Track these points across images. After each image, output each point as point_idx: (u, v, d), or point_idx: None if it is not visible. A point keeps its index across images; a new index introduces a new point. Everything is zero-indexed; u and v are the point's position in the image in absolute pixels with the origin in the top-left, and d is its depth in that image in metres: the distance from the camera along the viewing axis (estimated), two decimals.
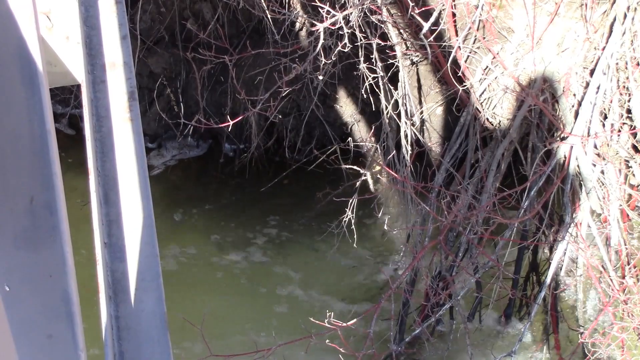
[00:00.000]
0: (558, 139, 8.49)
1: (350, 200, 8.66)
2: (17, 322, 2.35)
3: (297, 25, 9.95)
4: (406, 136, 9.29)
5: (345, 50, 8.42)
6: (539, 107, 8.53)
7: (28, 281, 2.41)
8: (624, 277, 8.31)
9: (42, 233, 2.42)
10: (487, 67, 8.97)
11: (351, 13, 8.42)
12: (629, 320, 7.92)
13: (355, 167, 9.18)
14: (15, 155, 2.41)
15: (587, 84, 8.45)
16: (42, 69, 2.46)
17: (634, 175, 8.67)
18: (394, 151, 9.43)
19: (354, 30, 8.70)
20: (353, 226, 8.72)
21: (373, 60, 9.11)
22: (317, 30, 8.16)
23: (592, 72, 8.43)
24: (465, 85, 8.93)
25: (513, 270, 8.88)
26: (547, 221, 8.66)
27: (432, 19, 8.59)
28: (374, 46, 8.98)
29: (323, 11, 7.88)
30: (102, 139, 3.31)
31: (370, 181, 10.24)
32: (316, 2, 8.03)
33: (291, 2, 9.71)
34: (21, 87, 2.44)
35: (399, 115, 9.40)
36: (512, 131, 8.70)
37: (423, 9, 8.57)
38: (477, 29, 8.88)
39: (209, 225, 10.47)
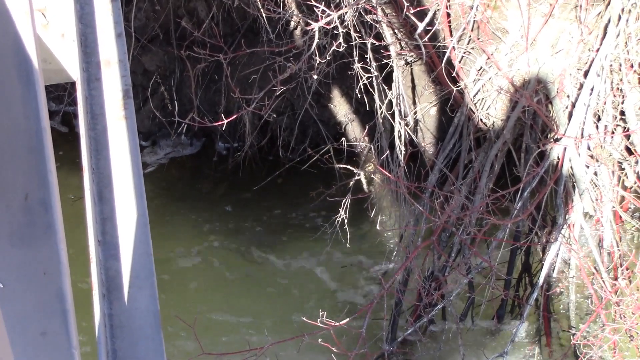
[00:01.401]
0: (551, 140, 8.51)
1: (344, 200, 8.66)
2: (11, 318, 2.34)
3: (292, 24, 9.95)
4: (400, 136, 9.30)
5: (340, 50, 8.43)
6: (533, 108, 8.54)
7: (22, 278, 2.41)
8: (616, 279, 8.33)
9: (37, 230, 2.42)
10: (481, 67, 8.98)
11: (346, 13, 8.42)
12: (621, 322, 7.93)
13: (348, 167, 9.18)
14: (10, 152, 2.41)
15: (581, 86, 8.46)
16: (37, 67, 2.46)
17: (627, 177, 8.69)
18: (388, 151, 9.43)
19: (349, 29, 8.70)
20: (346, 226, 8.72)
21: (367, 60, 9.12)
22: (312, 29, 8.16)
23: (586, 74, 8.45)
24: (460, 86, 8.94)
25: (506, 271, 8.89)
26: (540, 222, 8.67)
27: (426, 19, 8.59)
28: (369, 46, 8.98)
29: (318, 10, 7.88)
30: (96, 137, 3.32)
31: (363, 181, 10.24)
32: (311, 2, 8.03)
33: (286, 1, 9.71)
34: (17, 84, 2.44)
35: (392, 115, 9.40)
36: (506, 132, 8.71)
37: (418, 9, 8.57)
38: (472, 30, 8.89)
39: (201, 224, 10.46)
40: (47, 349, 2.40)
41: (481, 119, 8.98)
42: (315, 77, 9.17)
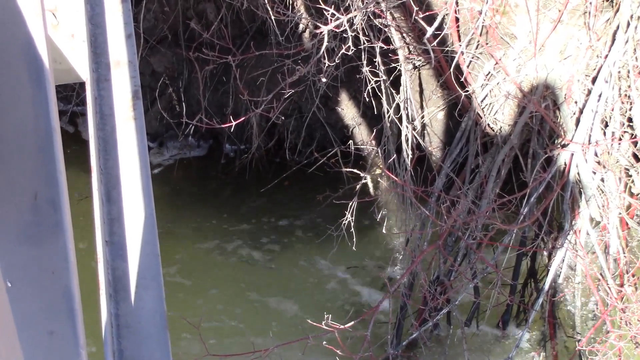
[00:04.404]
0: (559, 146, 8.50)
1: (350, 203, 8.66)
2: (18, 318, 2.34)
3: (301, 27, 9.96)
4: (407, 140, 9.30)
5: (348, 53, 8.43)
6: (541, 113, 8.54)
7: (30, 277, 2.41)
8: (622, 285, 8.32)
9: (45, 229, 2.42)
10: (489, 72, 8.97)
11: (355, 16, 8.42)
12: (627, 328, 7.92)
13: (355, 170, 9.18)
14: (20, 152, 2.42)
15: (589, 92, 8.45)
16: (48, 66, 2.47)
17: (634, 183, 8.67)
18: (395, 155, 9.43)
19: (358, 33, 8.71)
20: (352, 229, 8.72)
21: (376, 63, 9.12)
22: (321, 32, 8.16)
23: (594, 80, 8.44)
24: (467, 91, 8.94)
25: (511, 276, 8.88)
26: (546, 228, 8.66)
27: (435, 24, 8.59)
28: (377, 50, 8.98)
29: (327, 14, 7.89)
30: (105, 137, 3.32)
31: (370, 184, 10.24)
32: (320, 5, 8.04)
33: (295, 3, 9.72)
34: (27, 84, 2.45)
35: (400, 119, 9.40)
36: (513, 137, 8.70)
37: (427, 13, 8.58)
38: (480, 35, 8.89)
39: (208, 225, 10.47)
40: (55, 348, 2.41)
41: (488, 124, 8.98)
42: (323, 80, 9.18)
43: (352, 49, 8.42)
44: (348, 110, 10.56)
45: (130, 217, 3.19)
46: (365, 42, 8.91)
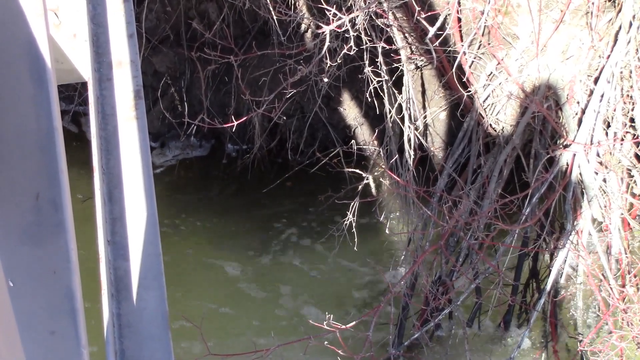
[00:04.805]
0: (561, 146, 8.49)
1: (352, 203, 8.66)
2: (19, 318, 2.34)
3: (303, 27, 9.96)
4: (409, 140, 9.29)
5: (350, 53, 8.43)
6: (543, 114, 8.53)
7: (32, 277, 2.41)
8: (624, 286, 8.31)
9: (47, 229, 2.42)
10: (491, 73, 8.97)
11: (357, 16, 8.42)
12: (628, 329, 7.91)
13: (357, 171, 9.18)
14: (22, 152, 2.42)
15: (591, 92, 8.45)
16: (50, 66, 2.47)
17: (636, 184, 8.67)
18: (397, 155, 9.43)
19: (360, 33, 8.71)
20: (354, 229, 8.72)
21: (378, 63, 9.12)
22: (323, 32, 8.17)
23: (596, 80, 8.43)
24: (470, 91, 8.93)
25: (513, 277, 8.87)
26: (548, 228, 8.66)
27: (437, 24, 8.59)
28: (379, 50, 8.98)
29: (329, 14, 7.89)
30: (107, 137, 3.32)
31: (372, 185, 10.23)
32: (322, 5, 8.04)
33: (297, 3, 9.72)
34: (29, 84, 2.45)
35: (402, 119, 9.40)
36: (515, 137, 8.70)
37: (429, 13, 8.58)
38: (482, 35, 8.88)
39: (209, 226, 10.47)
40: (56, 347, 2.41)
41: (491, 124, 8.97)
42: (325, 80, 9.17)
43: (354, 49, 8.42)
44: (350, 111, 10.55)
45: (132, 216, 3.19)
46: (367, 42, 8.90)
